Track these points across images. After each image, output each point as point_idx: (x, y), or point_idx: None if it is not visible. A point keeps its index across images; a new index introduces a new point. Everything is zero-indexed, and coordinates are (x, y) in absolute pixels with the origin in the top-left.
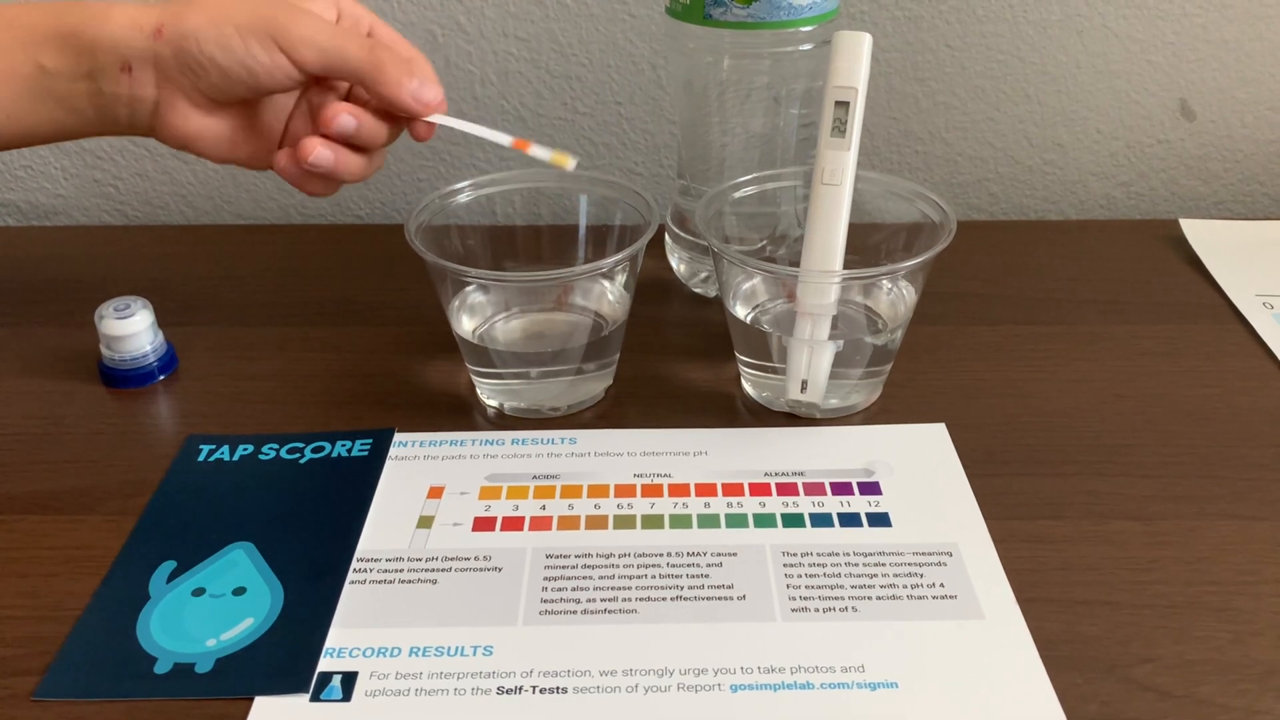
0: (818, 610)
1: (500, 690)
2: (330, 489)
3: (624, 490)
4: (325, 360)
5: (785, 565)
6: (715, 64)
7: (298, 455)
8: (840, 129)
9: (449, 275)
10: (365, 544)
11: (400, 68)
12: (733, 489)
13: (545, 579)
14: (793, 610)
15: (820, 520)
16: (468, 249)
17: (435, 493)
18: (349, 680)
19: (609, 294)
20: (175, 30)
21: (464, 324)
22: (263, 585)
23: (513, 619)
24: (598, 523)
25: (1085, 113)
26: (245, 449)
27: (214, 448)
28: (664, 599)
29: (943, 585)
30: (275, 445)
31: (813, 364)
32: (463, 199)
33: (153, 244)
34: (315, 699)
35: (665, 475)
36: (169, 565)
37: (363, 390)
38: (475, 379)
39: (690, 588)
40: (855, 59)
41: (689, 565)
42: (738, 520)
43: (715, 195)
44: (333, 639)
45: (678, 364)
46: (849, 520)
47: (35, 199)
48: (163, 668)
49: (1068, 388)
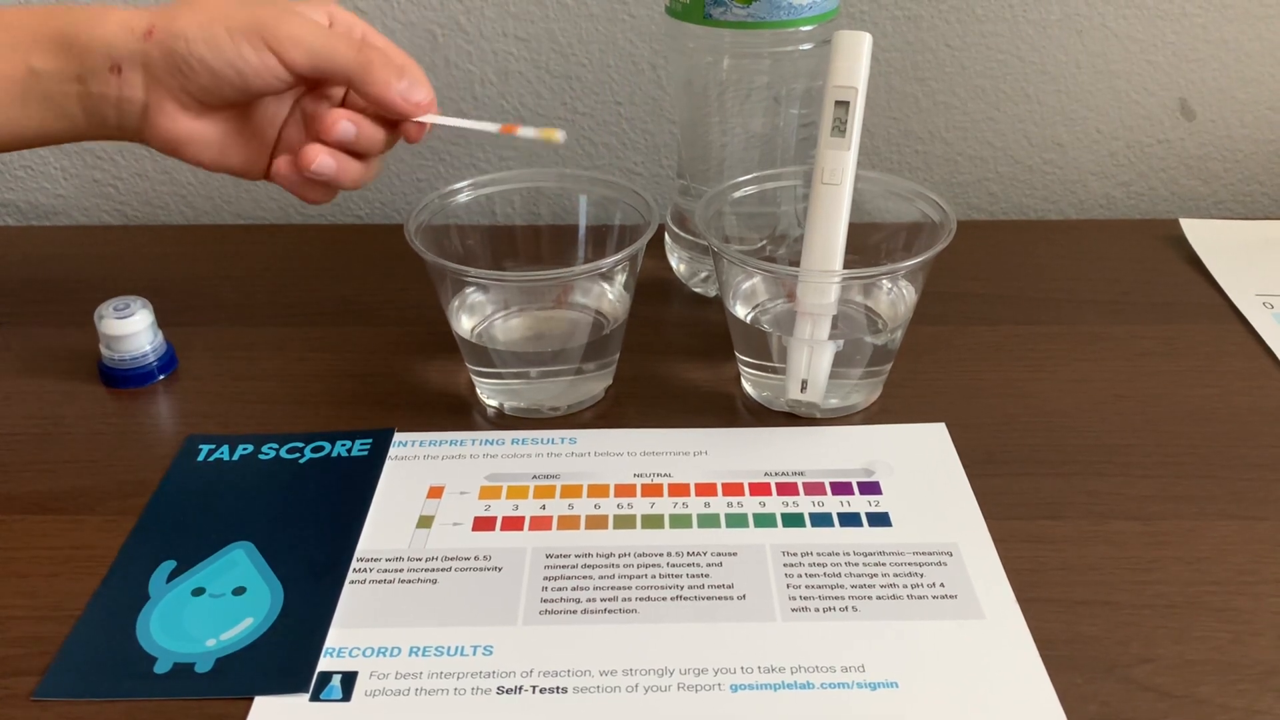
0: (818, 610)
1: (500, 690)
2: (330, 489)
3: (624, 490)
4: (325, 360)
5: (785, 565)
6: (715, 64)
7: (297, 455)
8: (840, 129)
9: (449, 275)
10: (365, 544)
11: (389, 69)
12: (733, 489)
13: (545, 579)
14: (793, 610)
15: (820, 520)
16: (467, 249)
17: (435, 492)
18: (349, 680)
19: (609, 294)
20: (165, 31)
21: (464, 324)
22: (262, 585)
23: (513, 619)
24: (598, 522)
25: (1085, 112)
26: (245, 449)
27: (214, 447)
28: (664, 599)
29: (943, 585)
30: (275, 445)
31: (813, 364)
32: (462, 199)
33: (153, 244)
34: (315, 699)
35: (665, 475)
36: (169, 565)
37: (363, 390)
38: (475, 379)
39: (690, 587)
40: (855, 59)
41: (689, 565)
42: (738, 520)
43: (715, 195)
44: (332, 639)
45: (678, 364)
46: (849, 520)
47: (35, 199)
48: (163, 667)
49: (1068, 388)
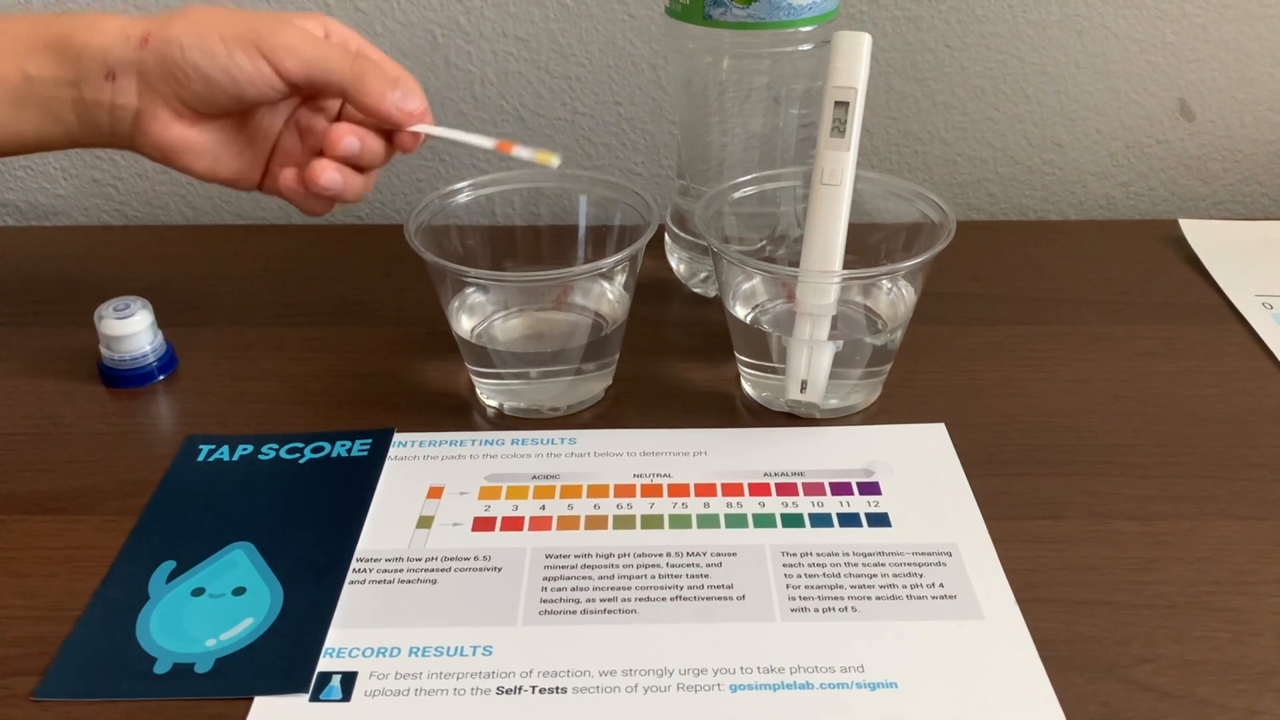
0: (817, 610)
1: (500, 690)
2: (330, 489)
3: (623, 490)
4: (325, 360)
5: (785, 565)
6: (715, 64)
7: (297, 455)
8: (840, 129)
9: (449, 275)
10: (365, 544)
11: (383, 80)
12: (732, 489)
13: (545, 579)
14: (792, 610)
15: (820, 520)
16: (467, 249)
17: (435, 493)
18: (348, 680)
19: (609, 294)
20: (161, 39)
21: (464, 324)
22: (262, 585)
23: (512, 619)
24: (597, 523)
25: (1085, 113)
26: (245, 449)
27: (213, 448)
28: (663, 599)
29: (942, 585)
30: (275, 445)
31: (812, 364)
32: (462, 199)
33: (153, 244)
34: (315, 699)
35: (665, 475)
36: (169, 565)
37: (362, 390)
38: (475, 379)
39: (690, 588)
40: (855, 59)
41: (688, 565)
42: (737, 520)
43: (715, 195)
44: (332, 639)
45: (677, 364)
46: (848, 520)
47: (35, 199)
48: (162, 668)
49: (1068, 388)
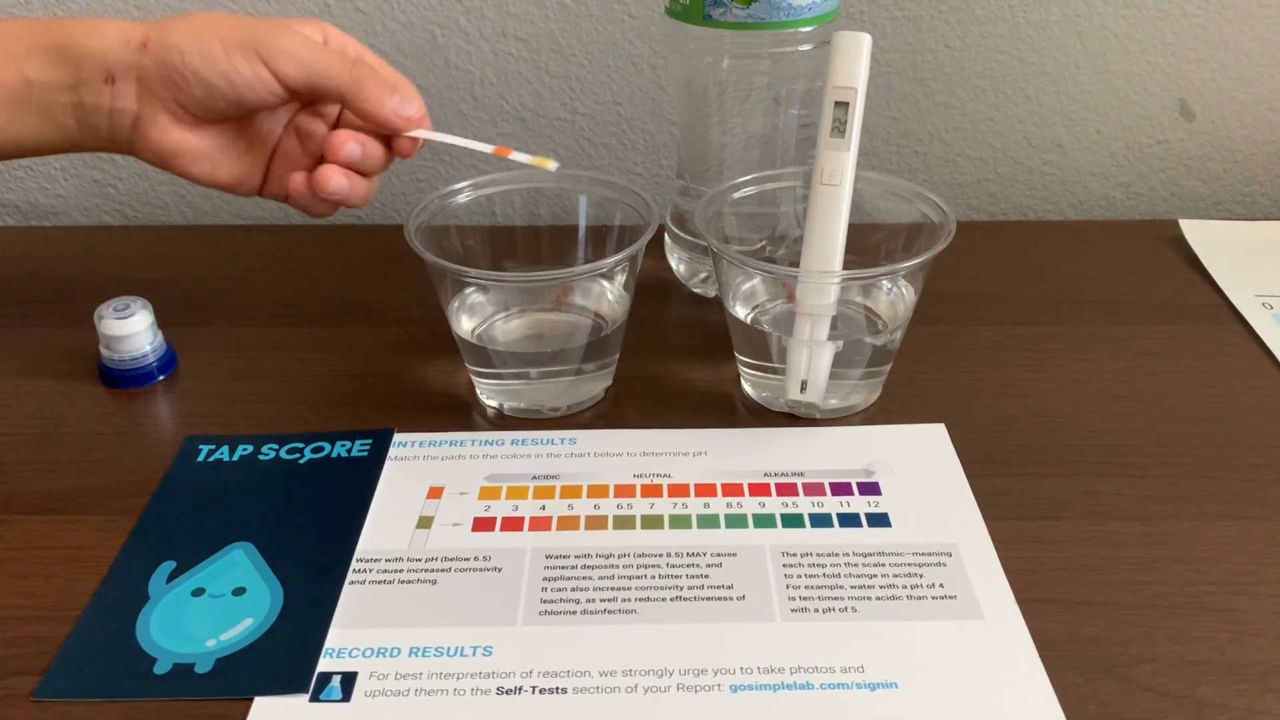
0: (817, 610)
1: (500, 690)
2: (330, 489)
3: (623, 490)
4: (325, 360)
5: (785, 565)
6: (715, 64)
7: (297, 455)
8: (840, 129)
9: (449, 275)
10: (365, 544)
11: (381, 86)
12: (732, 489)
13: (545, 579)
14: (792, 610)
15: (820, 520)
16: (467, 249)
17: (435, 493)
18: (349, 680)
19: (609, 294)
20: (160, 43)
21: (464, 324)
22: (262, 585)
23: (512, 619)
24: (597, 523)
25: (1085, 113)
26: (245, 449)
27: (213, 448)
28: (663, 599)
29: (942, 585)
30: (275, 445)
31: (812, 364)
32: (462, 199)
33: (153, 244)
34: (315, 699)
35: (665, 475)
36: (169, 565)
37: (362, 390)
38: (475, 379)
39: (690, 588)
40: (855, 59)
41: (688, 565)
42: (737, 520)
43: (715, 195)
44: (332, 639)
45: (677, 364)
46: (848, 520)
47: (35, 199)
48: (162, 668)
49: (1068, 388)
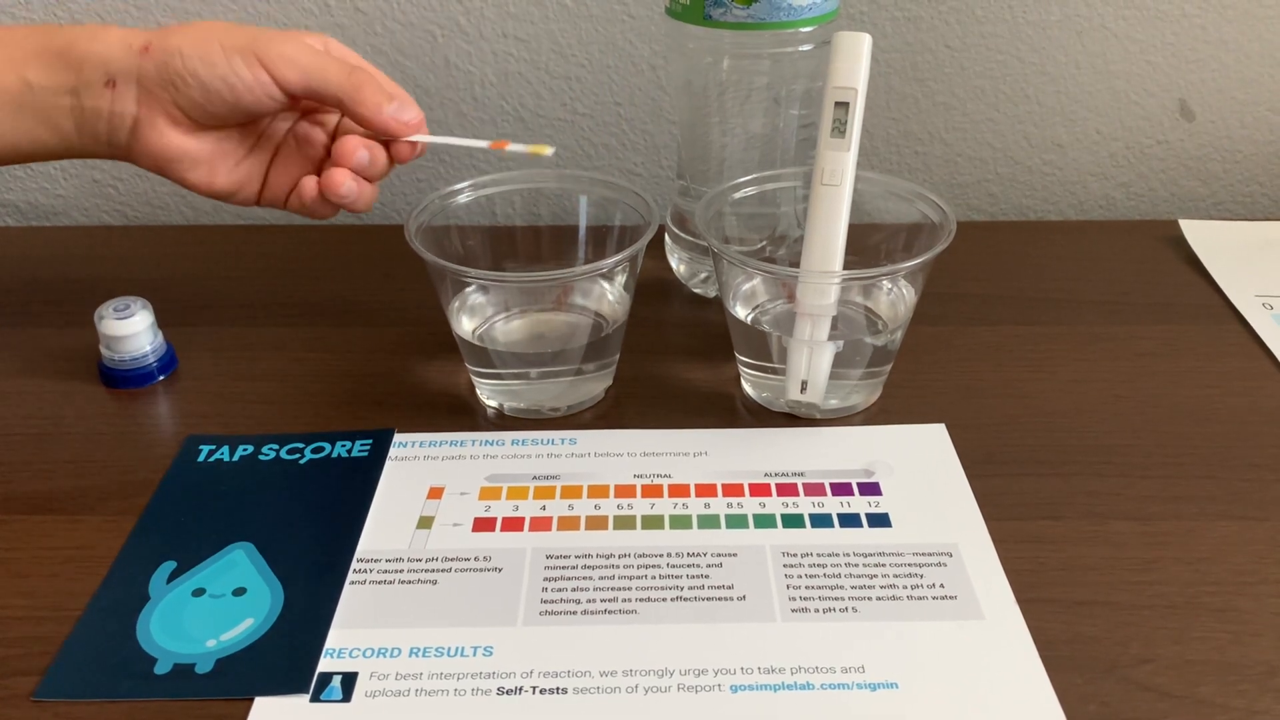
0: (818, 611)
1: (500, 691)
2: (330, 489)
3: (624, 491)
4: (325, 360)
5: (785, 566)
6: (715, 64)
7: (297, 455)
8: (840, 129)
9: (449, 276)
10: (365, 544)
11: (379, 91)
12: (733, 489)
13: (545, 579)
14: (793, 611)
15: (820, 521)
16: (468, 249)
17: (435, 493)
18: (349, 681)
19: (609, 294)
20: (161, 48)
21: (464, 324)
22: (263, 586)
23: (513, 619)
24: (598, 523)
25: (1085, 113)
26: (245, 449)
27: (214, 448)
28: (664, 599)
29: (943, 585)
30: (275, 445)
31: (813, 364)
32: (463, 199)
33: (153, 244)
34: (315, 699)
35: (665, 476)
36: (169, 565)
37: (362, 390)
38: (475, 379)
39: (690, 588)
40: (855, 59)
41: (689, 566)
42: (738, 521)
43: (715, 196)
44: (333, 639)
45: (678, 364)
46: (849, 521)
47: (35, 199)
48: (163, 668)
49: (1068, 388)
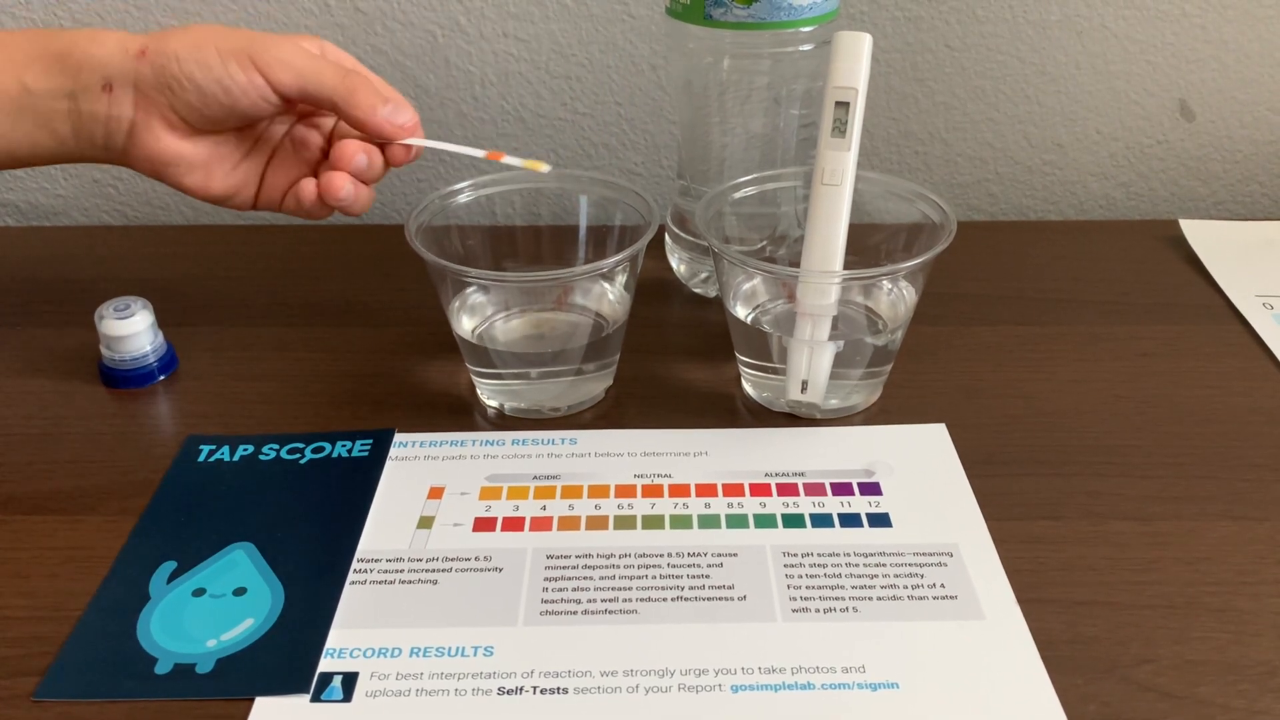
0: (818, 611)
1: (501, 691)
2: (330, 489)
3: (624, 491)
4: (325, 360)
5: (786, 566)
6: (715, 64)
7: (298, 455)
8: (840, 129)
9: (449, 275)
10: (365, 544)
11: (373, 94)
12: (733, 489)
13: (546, 579)
14: (793, 611)
15: (821, 521)
16: (468, 249)
17: (435, 493)
18: (349, 681)
19: (609, 294)
20: (158, 51)
21: (464, 324)
22: (263, 586)
23: (513, 619)
24: (598, 523)
25: (1085, 113)
26: (245, 449)
27: (214, 448)
28: (664, 599)
29: (943, 585)
30: (275, 445)
31: (813, 364)
32: (463, 199)
33: (153, 244)
34: (316, 699)
35: (665, 476)
36: (169, 565)
37: (363, 390)
38: (475, 379)
39: (691, 588)
40: (855, 59)
41: (689, 566)
42: (738, 521)
43: (715, 196)
44: (333, 639)
45: (678, 364)
46: (849, 521)
47: (35, 199)
48: (163, 668)
49: (1068, 388)
